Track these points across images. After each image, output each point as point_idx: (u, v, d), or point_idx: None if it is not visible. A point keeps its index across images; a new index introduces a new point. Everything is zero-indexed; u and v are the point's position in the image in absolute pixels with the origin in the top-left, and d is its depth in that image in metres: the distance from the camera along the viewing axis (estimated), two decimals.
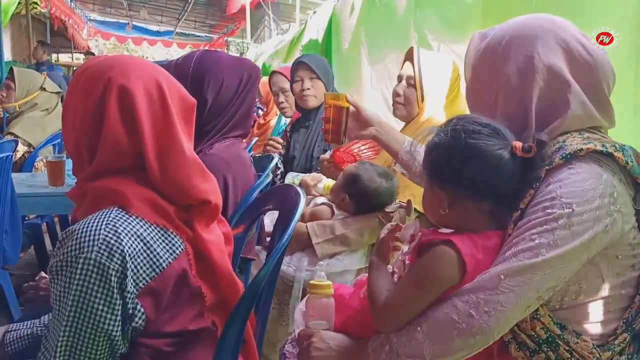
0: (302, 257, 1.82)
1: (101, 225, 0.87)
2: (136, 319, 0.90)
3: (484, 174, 0.94)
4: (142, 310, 0.90)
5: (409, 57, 2.00)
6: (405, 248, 1.09)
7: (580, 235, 0.88)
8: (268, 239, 1.70)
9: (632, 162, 0.93)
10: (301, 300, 1.64)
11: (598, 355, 0.93)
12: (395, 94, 2.02)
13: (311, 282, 1.14)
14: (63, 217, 3.29)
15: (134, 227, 0.90)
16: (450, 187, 0.98)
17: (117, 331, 0.87)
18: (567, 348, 0.93)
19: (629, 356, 0.98)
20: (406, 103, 1.99)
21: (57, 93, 3.80)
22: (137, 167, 0.94)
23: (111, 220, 0.88)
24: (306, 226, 1.83)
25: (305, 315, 1.14)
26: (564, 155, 0.93)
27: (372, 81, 3.58)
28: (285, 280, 1.81)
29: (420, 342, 0.91)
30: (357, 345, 1.02)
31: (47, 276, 1.42)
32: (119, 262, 0.86)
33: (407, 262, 1.04)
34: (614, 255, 0.94)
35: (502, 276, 0.88)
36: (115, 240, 0.87)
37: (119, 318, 0.87)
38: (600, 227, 0.89)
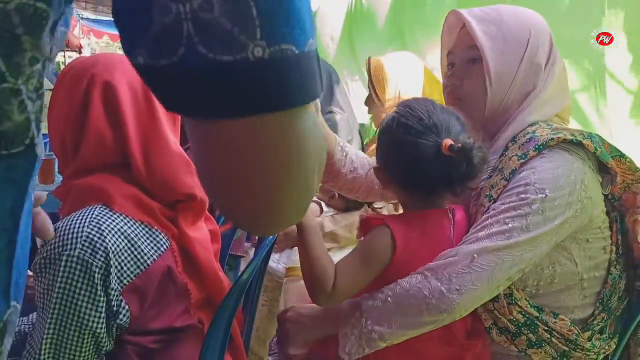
0: (292, 254, 1.82)
1: (84, 222, 0.87)
2: (121, 316, 0.89)
3: (409, 169, 0.97)
4: (127, 307, 0.90)
5: None
6: None
7: (552, 220, 0.91)
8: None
9: (600, 148, 0.98)
10: None
11: (577, 332, 0.97)
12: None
13: (287, 266, 1.14)
14: (53, 214, 3.27)
15: (117, 224, 0.90)
16: (385, 172, 1.03)
17: (101, 328, 0.87)
18: (546, 328, 0.97)
19: (610, 335, 1.02)
20: (370, 106, 2.06)
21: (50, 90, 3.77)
22: (122, 164, 0.94)
23: (94, 218, 0.88)
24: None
25: (285, 303, 1.14)
26: (536, 146, 0.97)
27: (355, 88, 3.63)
28: (275, 277, 1.81)
29: (390, 312, 0.93)
30: (327, 312, 1.04)
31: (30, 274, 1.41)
32: (102, 259, 0.86)
33: None
34: (584, 239, 0.98)
35: (475, 255, 0.91)
36: (99, 238, 0.86)
37: (103, 315, 0.87)
38: (571, 213, 0.93)
